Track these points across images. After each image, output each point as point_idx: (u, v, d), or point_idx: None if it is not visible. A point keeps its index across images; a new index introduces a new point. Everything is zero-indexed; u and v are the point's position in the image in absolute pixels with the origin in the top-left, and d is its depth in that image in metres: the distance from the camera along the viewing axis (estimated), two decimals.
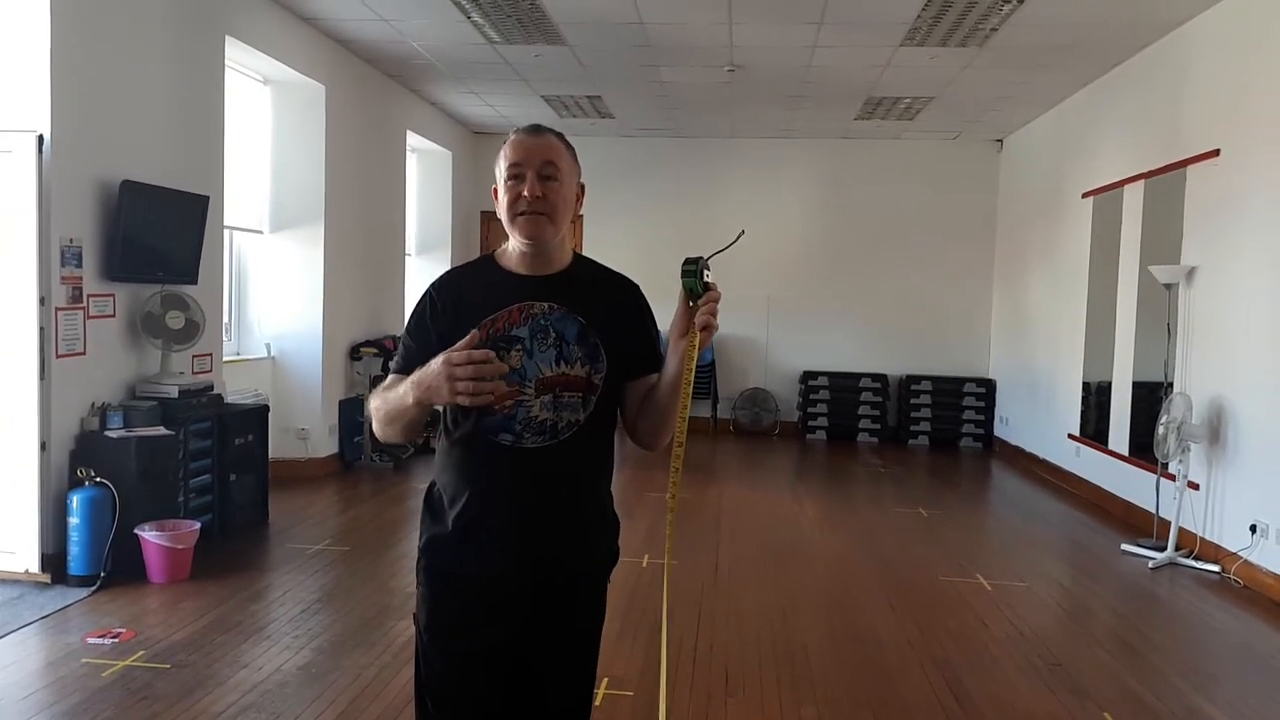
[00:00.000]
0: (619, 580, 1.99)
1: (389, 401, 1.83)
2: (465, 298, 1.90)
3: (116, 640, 3.88)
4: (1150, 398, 6.47)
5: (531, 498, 1.87)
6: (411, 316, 1.97)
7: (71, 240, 4.64)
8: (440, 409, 1.93)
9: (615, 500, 2.02)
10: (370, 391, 1.98)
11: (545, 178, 1.84)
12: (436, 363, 1.71)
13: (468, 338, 1.71)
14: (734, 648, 4.06)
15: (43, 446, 4.52)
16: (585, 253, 2.05)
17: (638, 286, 2.03)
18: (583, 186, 1.96)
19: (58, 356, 4.57)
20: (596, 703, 3.39)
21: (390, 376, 1.93)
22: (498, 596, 1.88)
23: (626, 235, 10.48)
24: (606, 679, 3.60)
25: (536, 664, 1.93)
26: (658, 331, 2.03)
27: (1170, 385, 6.03)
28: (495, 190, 1.92)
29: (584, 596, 1.98)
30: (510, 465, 1.86)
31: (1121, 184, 7.06)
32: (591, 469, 1.96)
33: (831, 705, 3.52)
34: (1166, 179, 6.39)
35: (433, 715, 1.92)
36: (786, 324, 10.80)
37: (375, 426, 1.90)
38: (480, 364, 1.67)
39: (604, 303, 1.94)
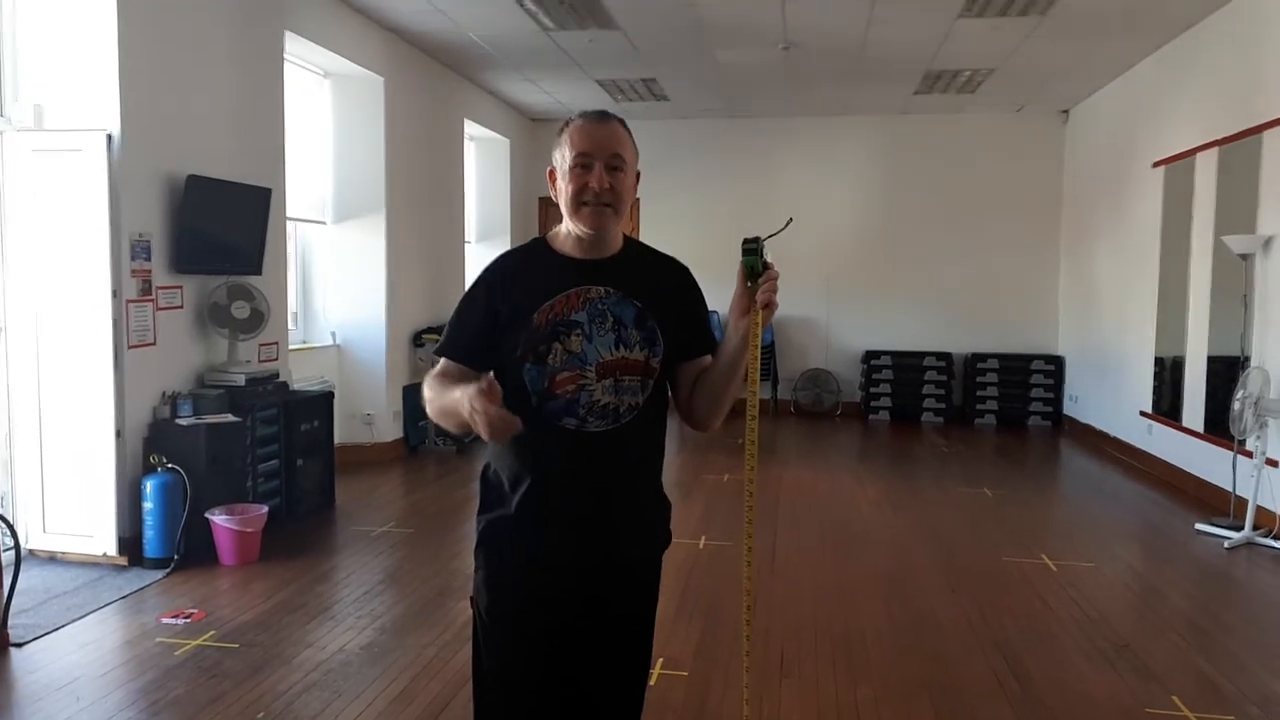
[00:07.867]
0: (677, 562, 2.01)
1: (444, 399, 1.82)
2: (521, 283, 1.91)
3: (189, 620, 4.03)
4: (1226, 372, 6.25)
5: (596, 482, 1.89)
6: (463, 299, 1.96)
7: (141, 234, 4.80)
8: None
9: (672, 482, 2.03)
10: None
11: (612, 169, 1.86)
12: (472, 402, 1.67)
13: (489, 384, 1.68)
14: (790, 629, 4.04)
15: (118, 434, 4.70)
16: (642, 235, 2.05)
17: (688, 269, 2.04)
18: (638, 173, 1.96)
19: (130, 347, 4.73)
20: (651, 682, 3.43)
21: (440, 363, 1.94)
22: (559, 579, 1.90)
23: (684, 216, 10.42)
24: (662, 659, 3.63)
25: (594, 645, 1.94)
26: (708, 312, 2.04)
27: (1247, 359, 5.81)
28: (551, 173, 1.93)
29: (641, 578, 2.00)
30: (574, 449, 1.87)
31: (1194, 152, 6.81)
32: (649, 452, 1.98)
33: (887, 687, 3.49)
34: (1242, 145, 6.14)
35: (494, 698, 1.94)
36: (847, 303, 10.66)
37: (429, 413, 1.90)
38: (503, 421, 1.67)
39: (658, 286, 1.95)
